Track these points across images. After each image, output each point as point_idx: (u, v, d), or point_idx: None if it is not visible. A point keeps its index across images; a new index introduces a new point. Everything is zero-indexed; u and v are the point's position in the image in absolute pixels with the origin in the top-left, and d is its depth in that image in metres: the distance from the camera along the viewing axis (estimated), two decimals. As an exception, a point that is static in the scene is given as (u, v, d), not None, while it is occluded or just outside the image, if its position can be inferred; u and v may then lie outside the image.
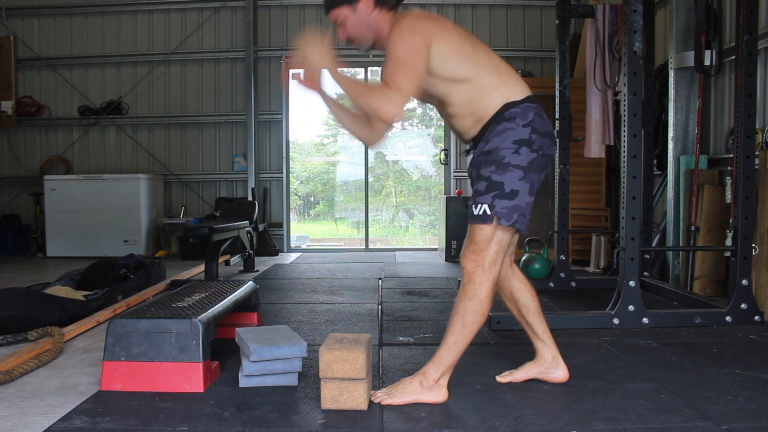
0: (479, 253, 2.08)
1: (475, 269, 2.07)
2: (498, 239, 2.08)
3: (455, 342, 2.10)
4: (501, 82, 2.12)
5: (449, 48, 2.07)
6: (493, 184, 2.06)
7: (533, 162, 2.08)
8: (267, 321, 3.45)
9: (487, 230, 2.07)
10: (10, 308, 3.23)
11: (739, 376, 2.43)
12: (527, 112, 2.09)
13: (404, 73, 2.00)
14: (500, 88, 2.11)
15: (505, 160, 2.05)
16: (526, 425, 1.94)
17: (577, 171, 5.58)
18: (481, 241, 2.08)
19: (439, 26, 2.09)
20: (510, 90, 2.12)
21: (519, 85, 2.15)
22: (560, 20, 4.49)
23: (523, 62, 7.45)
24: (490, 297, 2.09)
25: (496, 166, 2.06)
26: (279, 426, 1.95)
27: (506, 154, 2.06)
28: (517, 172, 2.06)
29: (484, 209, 2.06)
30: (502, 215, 2.05)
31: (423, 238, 10.23)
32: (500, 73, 2.13)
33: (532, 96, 2.15)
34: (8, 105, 7.40)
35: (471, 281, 2.08)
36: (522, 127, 2.07)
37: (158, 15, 7.58)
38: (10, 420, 2.01)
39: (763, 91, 4.11)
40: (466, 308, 2.08)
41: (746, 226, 3.33)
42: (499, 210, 2.05)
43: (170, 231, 7.04)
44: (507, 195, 2.05)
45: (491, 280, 2.08)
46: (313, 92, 2.14)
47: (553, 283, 4.48)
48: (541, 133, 2.10)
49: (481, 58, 2.12)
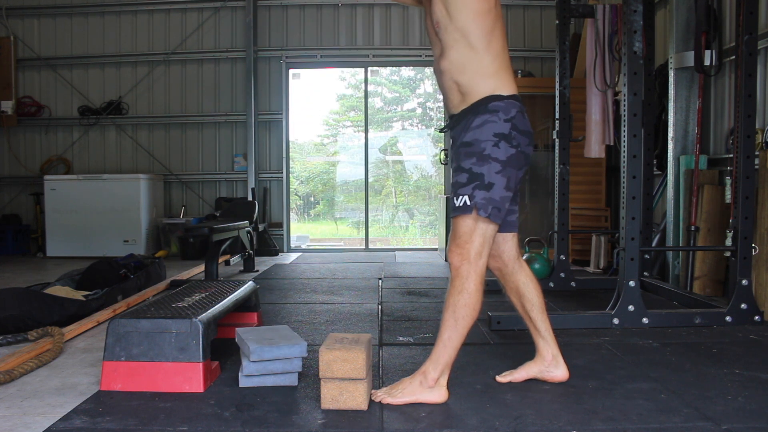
0: (463, 246, 2.08)
1: (462, 263, 2.08)
2: (481, 231, 2.09)
3: (449, 338, 2.10)
4: (497, 71, 2.14)
5: (483, 4, 2.09)
6: (473, 175, 2.09)
7: (511, 158, 2.10)
8: (267, 321, 3.45)
9: (469, 221, 2.08)
10: (10, 308, 3.23)
11: (739, 376, 2.43)
12: (510, 108, 2.12)
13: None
14: (494, 77, 2.13)
15: (485, 152, 2.08)
16: (526, 425, 1.94)
17: (577, 171, 5.58)
18: (464, 233, 2.09)
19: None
20: (501, 83, 2.14)
21: (510, 82, 2.18)
22: (560, 20, 4.49)
23: (523, 62, 7.45)
24: (479, 289, 2.10)
25: (477, 158, 2.09)
26: (279, 426, 1.95)
27: (486, 146, 2.08)
28: (496, 165, 2.08)
29: (465, 200, 2.08)
30: (480, 206, 2.07)
31: (423, 238, 10.23)
32: (500, 64, 2.15)
33: (518, 96, 2.18)
34: (8, 105, 7.40)
35: (458, 275, 2.09)
36: (503, 121, 2.09)
37: (158, 15, 7.58)
38: (10, 420, 2.01)
39: (763, 91, 4.11)
40: (456, 303, 2.09)
41: (746, 226, 3.33)
42: (478, 200, 2.07)
43: (170, 231, 7.05)
44: (485, 186, 2.07)
45: (478, 272, 2.09)
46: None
47: (553, 283, 4.48)
48: (520, 130, 2.12)
49: (496, 40, 2.14)
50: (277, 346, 2.28)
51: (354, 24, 7.57)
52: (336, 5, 7.54)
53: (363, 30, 7.57)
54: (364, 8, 7.56)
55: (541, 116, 6.46)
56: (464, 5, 2.08)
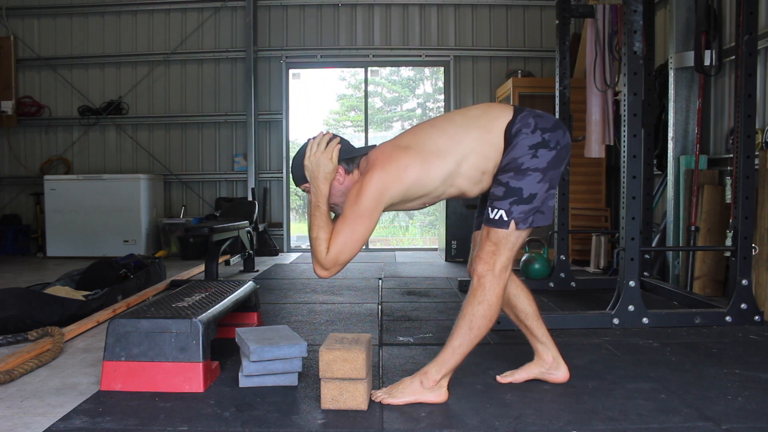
0: (491, 256, 2.06)
1: (486, 273, 2.06)
2: (511, 245, 2.08)
3: (460, 345, 2.09)
4: (485, 133, 2.08)
5: (407, 184, 2.04)
6: (510, 189, 2.04)
7: (552, 160, 2.06)
8: (267, 321, 3.45)
9: (502, 234, 2.06)
10: (10, 308, 3.23)
11: (739, 376, 2.43)
12: (526, 120, 2.07)
13: (348, 243, 2.01)
14: (488, 135, 2.07)
15: (524, 166, 2.04)
16: (526, 425, 1.94)
17: (577, 171, 5.58)
18: (494, 244, 2.07)
19: (391, 178, 2.03)
20: (498, 123, 2.08)
21: (502, 113, 2.11)
22: (560, 20, 4.49)
23: (523, 62, 7.45)
24: (499, 302, 2.08)
25: (514, 172, 2.04)
26: (279, 426, 1.95)
27: (524, 160, 2.04)
28: (536, 175, 2.04)
29: (501, 214, 2.05)
30: (519, 220, 2.05)
31: (423, 238, 10.23)
32: (480, 128, 2.09)
33: (517, 106, 2.14)
34: (8, 105, 7.40)
35: (481, 286, 2.07)
36: (531, 133, 2.05)
37: (158, 15, 7.58)
38: (10, 420, 2.01)
39: (763, 91, 4.11)
40: (475, 312, 2.06)
41: (746, 226, 3.33)
42: (516, 215, 2.04)
43: (170, 231, 7.04)
44: (525, 200, 2.04)
45: (501, 285, 2.07)
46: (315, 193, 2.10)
47: (553, 283, 4.48)
48: (550, 129, 2.08)
49: (453, 142, 2.07)
50: (277, 346, 2.28)
51: (354, 24, 7.57)
52: (336, 5, 7.54)
53: (363, 30, 7.57)
54: (364, 8, 7.56)
55: (541, 116, 6.46)
56: (406, 193, 2.07)
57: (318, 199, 2.08)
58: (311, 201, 2.09)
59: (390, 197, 2.04)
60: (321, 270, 2.04)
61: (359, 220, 2.00)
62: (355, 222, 2.00)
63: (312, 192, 2.10)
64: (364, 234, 2.03)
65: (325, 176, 2.08)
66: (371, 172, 2.03)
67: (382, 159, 2.06)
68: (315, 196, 2.08)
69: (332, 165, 2.08)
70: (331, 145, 2.10)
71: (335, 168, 2.09)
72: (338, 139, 2.13)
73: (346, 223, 2.01)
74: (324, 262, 2.03)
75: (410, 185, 2.05)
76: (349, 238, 2.01)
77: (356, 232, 2.01)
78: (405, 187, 2.04)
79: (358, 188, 2.02)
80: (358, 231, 2.01)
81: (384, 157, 2.06)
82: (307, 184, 2.13)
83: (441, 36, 7.55)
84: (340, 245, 2.01)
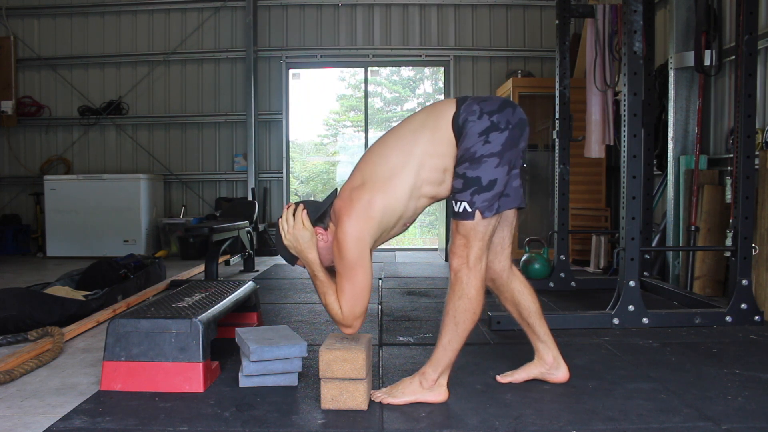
0: (463, 249, 2.06)
1: (461, 267, 2.06)
2: (481, 235, 2.06)
3: (449, 341, 2.10)
4: (434, 132, 2.08)
5: (378, 218, 2.05)
6: (469, 180, 2.03)
7: (506, 142, 2.04)
8: (267, 321, 3.45)
9: (469, 226, 2.05)
10: (10, 308, 3.23)
11: (739, 376, 2.43)
12: (470, 107, 2.06)
13: (355, 295, 2.04)
14: (437, 133, 2.08)
15: (477, 154, 2.02)
16: (526, 425, 1.94)
17: (577, 171, 5.58)
18: (464, 237, 2.06)
19: (362, 221, 2.04)
20: (444, 118, 2.08)
21: (446, 108, 2.11)
22: (560, 20, 4.49)
23: (523, 62, 7.45)
24: (479, 293, 2.07)
25: (470, 162, 2.03)
26: (279, 426, 1.95)
27: (477, 148, 2.02)
28: (492, 160, 2.02)
29: (464, 206, 2.04)
30: (484, 208, 2.03)
31: (423, 238, 10.23)
32: (428, 130, 2.09)
33: (460, 97, 2.14)
34: (8, 105, 7.40)
35: (458, 280, 2.07)
36: (478, 119, 2.04)
37: (158, 15, 7.58)
38: (10, 420, 2.01)
39: (763, 91, 4.11)
40: (457, 308, 2.07)
41: (746, 226, 3.33)
42: (480, 205, 2.03)
43: (170, 231, 7.04)
44: (485, 188, 2.02)
45: (478, 276, 2.06)
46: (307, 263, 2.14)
47: (553, 283, 4.48)
48: (497, 111, 2.06)
49: (403, 154, 2.08)
50: (277, 346, 2.28)
51: (354, 24, 7.57)
52: (336, 5, 7.54)
53: (363, 30, 7.57)
54: (364, 8, 7.56)
55: (541, 116, 6.47)
56: (379, 229, 2.09)
57: (312, 268, 2.11)
58: (309, 273, 2.13)
59: (370, 236, 2.05)
60: (345, 328, 2.09)
61: (353, 272, 2.03)
62: (351, 275, 2.03)
63: (306, 264, 2.13)
64: (365, 280, 2.05)
65: (307, 245, 2.10)
66: (340, 224, 2.05)
67: (345, 207, 2.07)
68: (309, 267, 2.12)
69: (308, 232, 2.10)
70: (298, 215, 2.12)
71: (312, 232, 2.11)
72: (302, 206, 2.15)
73: (343, 279, 2.05)
74: (344, 321, 2.07)
75: (381, 216, 2.06)
76: (353, 290, 2.04)
77: (357, 283, 2.04)
78: (377, 221, 2.05)
79: (336, 243, 2.05)
80: (358, 281, 2.04)
81: (345, 204, 2.07)
82: (299, 259, 2.16)
83: (441, 36, 7.56)
84: (350, 300, 2.04)
